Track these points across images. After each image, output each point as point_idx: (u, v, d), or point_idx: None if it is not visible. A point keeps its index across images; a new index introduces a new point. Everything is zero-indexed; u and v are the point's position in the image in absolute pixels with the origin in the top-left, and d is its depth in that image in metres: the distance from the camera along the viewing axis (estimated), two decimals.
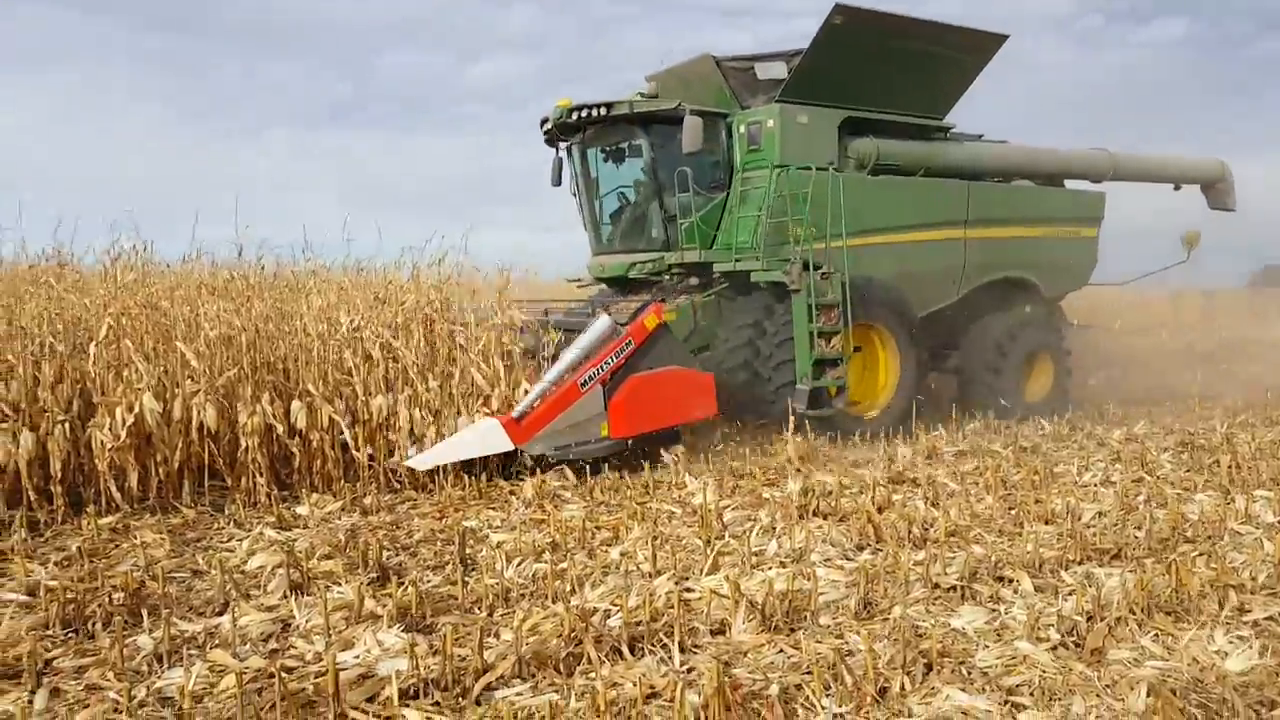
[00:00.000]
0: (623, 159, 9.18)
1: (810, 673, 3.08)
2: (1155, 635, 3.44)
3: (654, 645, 3.38)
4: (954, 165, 9.71)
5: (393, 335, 6.64)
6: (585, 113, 8.76)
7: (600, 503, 5.77)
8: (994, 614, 3.69)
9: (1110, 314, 15.57)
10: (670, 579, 4.10)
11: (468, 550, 4.65)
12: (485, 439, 6.13)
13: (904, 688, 3.02)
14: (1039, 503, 5.41)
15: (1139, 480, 6.19)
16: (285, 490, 5.92)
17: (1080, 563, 4.38)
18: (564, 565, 4.35)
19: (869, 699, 2.94)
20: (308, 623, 3.65)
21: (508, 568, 4.35)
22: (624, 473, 6.51)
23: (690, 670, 3.19)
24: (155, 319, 6.25)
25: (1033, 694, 3.00)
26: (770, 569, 4.26)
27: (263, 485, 5.76)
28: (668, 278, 9.04)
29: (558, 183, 9.80)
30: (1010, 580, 4.11)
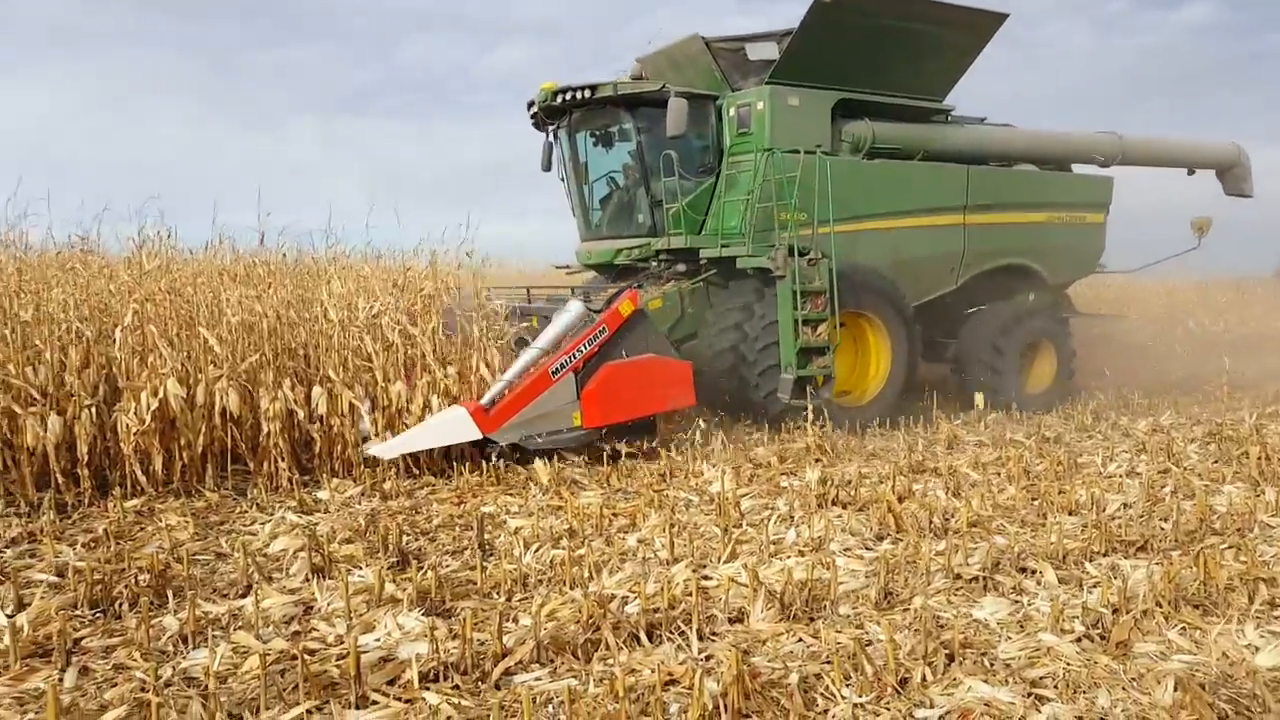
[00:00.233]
0: (609, 143, 8.99)
1: (830, 662, 3.06)
2: (1183, 629, 3.39)
3: (672, 632, 3.38)
4: (954, 149, 9.39)
5: (410, 322, 6.66)
6: (569, 95, 8.55)
7: (617, 490, 5.77)
8: (1017, 605, 3.66)
9: (1137, 303, 15.37)
10: (688, 566, 4.09)
11: (486, 536, 4.67)
12: (452, 428, 5.97)
13: (925, 678, 3.00)
14: (1062, 493, 5.34)
15: (1165, 471, 6.09)
16: (306, 475, 5.97)
17: (1105, 554, 4.32)
18: (581, 552, 4.35)
19: (889, 689, 2.92)
20: (329, 606, 3.68)
21: (526, 553, 4.36)
22: (641, 460, 6.50)
23: (708, 658, 3.18)
24: (179, 305, 6.32)
25: (1056, 686, 2.97)
26: (789, 558, 4.25)
27: (284, 470, 5.81)
28: (655, 264, 8.84)
29: (548, 168, 9.56)
30: (1033, 571, 4.07)
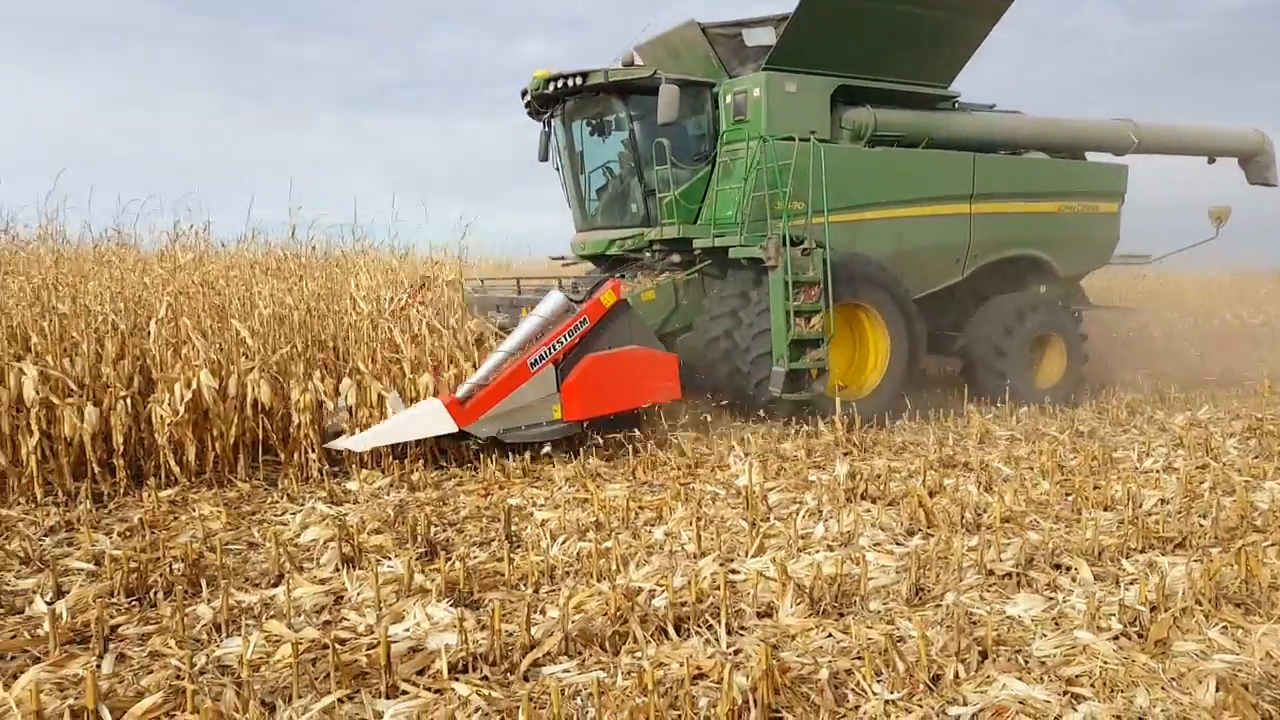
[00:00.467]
0: (602, 131, 8.82)
1: (861, 658, 3.03)
2: (1224, 628, 3.31)
3: (700, 626, 3.36)
4: (960, 136, 9.11)
5: (435, 314, 6.70)
6: (561, 83, 8.39)
7: (643, 483, 5.76)
8: (1051, 602, 3.59)
9: (1173, 295, 15.05)
10: (715, 560, 4.07)
11: (513, 527, 4.68)
12: (427, 420, 5.90)
13: (958, 675, 2.95)
14: (1098, 489, 5.24)
15: (1204, 467, 5.96)
16: (335, 466, 6.02)
17: (1142, 551, 4.24)
18: (608, 544, 4.34)
19: (922, 686, 2.88)
20: (359, 595, 3.71)
21: (552, 546, 4.37)
22: (667, 452, 6.49)
23: (737, 652, 3.16)
24: (211, 298, 6.40)
25: (1093, 685, 2.91)
26: (817, 552, 4.21)
27: (314, 460, 5.87)
28: (649, 255, 8.69)
29: (544, 158, 9.37)
30: (1068, 568, 4.00)
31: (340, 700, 2.80)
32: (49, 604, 3.53)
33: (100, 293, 6.10)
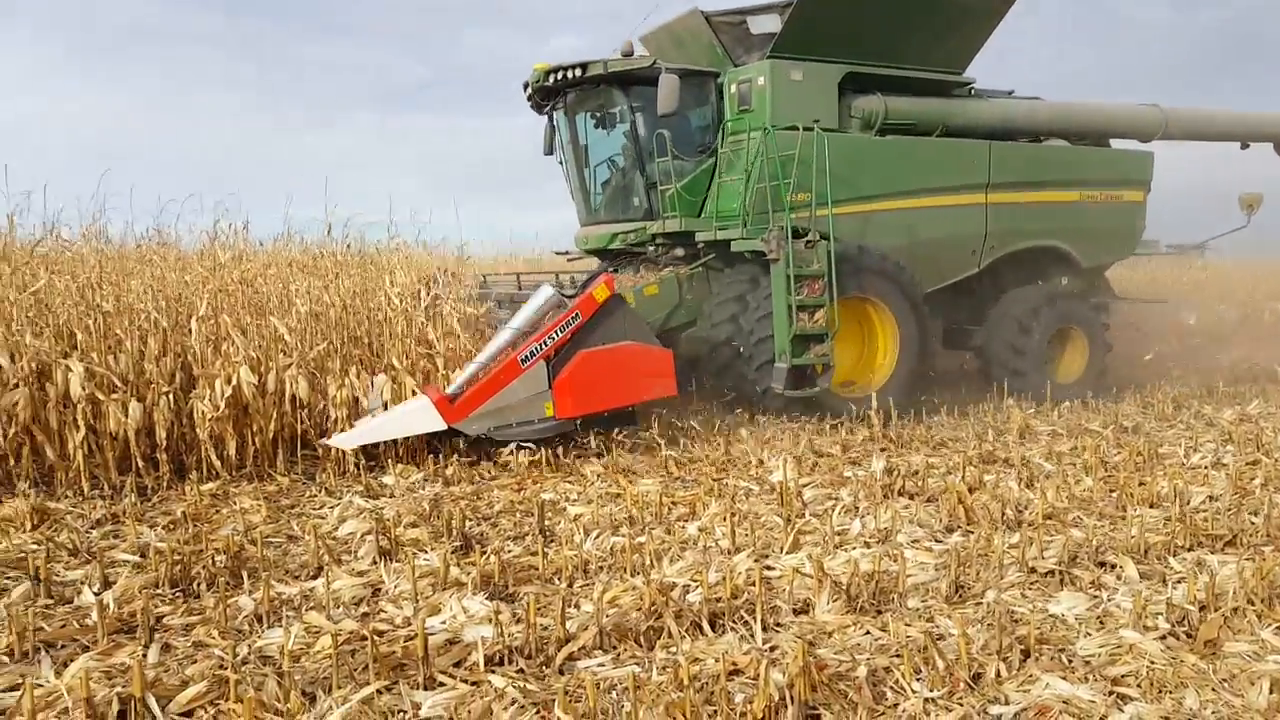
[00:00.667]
0: (603, 124, 8.64)
1: (899, 655, 2.99)
2: (1277, 629, 3.21)
3: (735, 622, 3.34)
4: (976, 124, 8.78)
5: (467, 304, 6.76)
6: (561, 75, 8.20)
7: (676, 478, 5.74)
8: (1096, 601, 3.52)
9: (1218, 287, 14.64)
10: (750, 556, 4.04)
11: (546, 522, 4.69)
12: (415, 418, 5.83)
13: (999, 674, 2.90)
14: (1143, 485, 5.12)
15: (1254, 463, 5.79)
16: (372, 460, 6.09)
17: (1190, 549, 4.13)
18: (642, 539, 4.33)
19: (962, 684, 2.83)
20: (396, 588, 3.75)
21: (586, 540, 4.37)
22: (701, 447, 6.46)
23: (773, 649, 3.13)
24: (250, 295, 6.51)
25: (1140, 685, 2.84)
26: (854, 549, 4.16)
27: (351, 455, 5.94)
28: (652, 249, 8.49)
29: (549, 151, 9.19)
30: (1113, 566, 3.91)
31: (379, 691, 2.82)
32: (96, 594, 3.62)
33: (143, 291, 6.24)
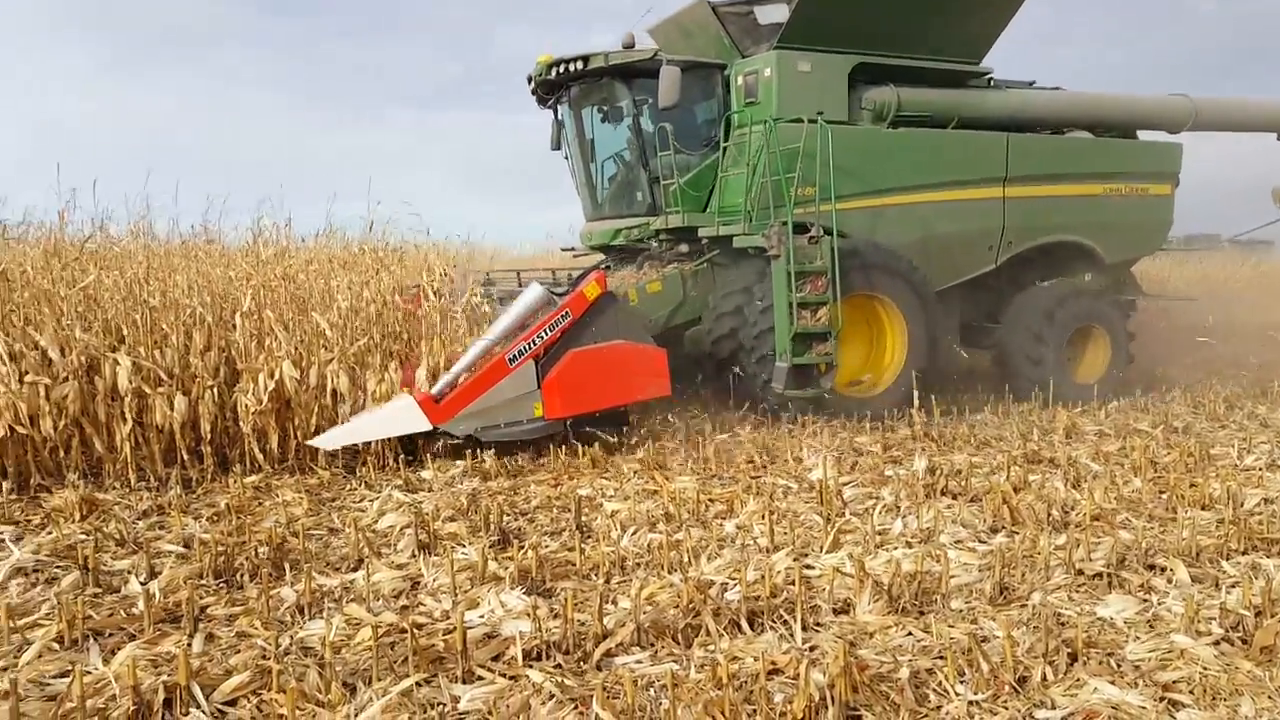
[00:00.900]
0: (607, 117, 8.52)
1: (943, 657, 2.93)
2: None
3: (774, 621, 3.30)
4: (993, 115, 8.48)
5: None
6: (563, 68, 8.11)
7: (713, 475, 5.71)
8: (1145, 604, 3.42)
9: (1269, 282, 14.19)
10: (789, 555, 4.00)
11: (583, 518, 4.69)
12: (400, 418, 5.76)
13: (1045, 677, 2.83)
14: (1194, 487, 4.97)
15: None
16: (410, 455, 6.15)
17: (1244, 553, 4.00)
18: (679, 536, 4.31)
19: (1007, 687, 2.77)
20: (434, 581, 3.78)
21: (623, 536, 4.36)
22: (737, 445, 6.41)
23: (813, 648, 3.09)
24: (292, 291, 6.61)
25: (1193, 692, 2.75)
26: (896, 549, 4.10)
27: (390, 449, 6.01)
28: (656, 245, 8.34)
29: (556, 146, 9.09)
30: (1163, 569, 3.80)
31: (418, 684, 2.84)
32: (143, 584, 3.70)
33: (188, 287, 6.36)
